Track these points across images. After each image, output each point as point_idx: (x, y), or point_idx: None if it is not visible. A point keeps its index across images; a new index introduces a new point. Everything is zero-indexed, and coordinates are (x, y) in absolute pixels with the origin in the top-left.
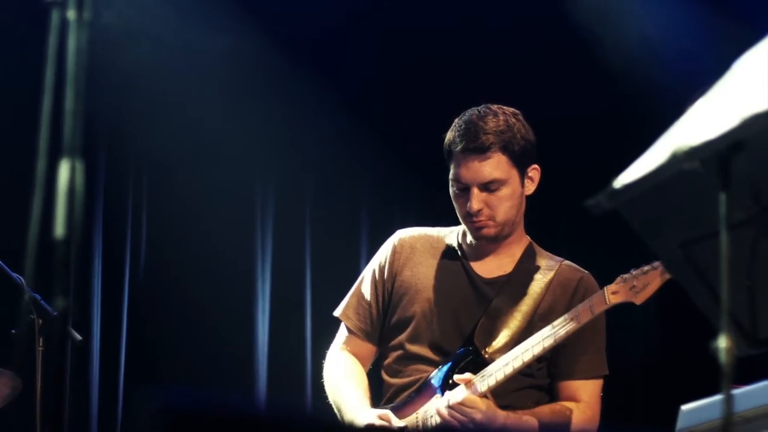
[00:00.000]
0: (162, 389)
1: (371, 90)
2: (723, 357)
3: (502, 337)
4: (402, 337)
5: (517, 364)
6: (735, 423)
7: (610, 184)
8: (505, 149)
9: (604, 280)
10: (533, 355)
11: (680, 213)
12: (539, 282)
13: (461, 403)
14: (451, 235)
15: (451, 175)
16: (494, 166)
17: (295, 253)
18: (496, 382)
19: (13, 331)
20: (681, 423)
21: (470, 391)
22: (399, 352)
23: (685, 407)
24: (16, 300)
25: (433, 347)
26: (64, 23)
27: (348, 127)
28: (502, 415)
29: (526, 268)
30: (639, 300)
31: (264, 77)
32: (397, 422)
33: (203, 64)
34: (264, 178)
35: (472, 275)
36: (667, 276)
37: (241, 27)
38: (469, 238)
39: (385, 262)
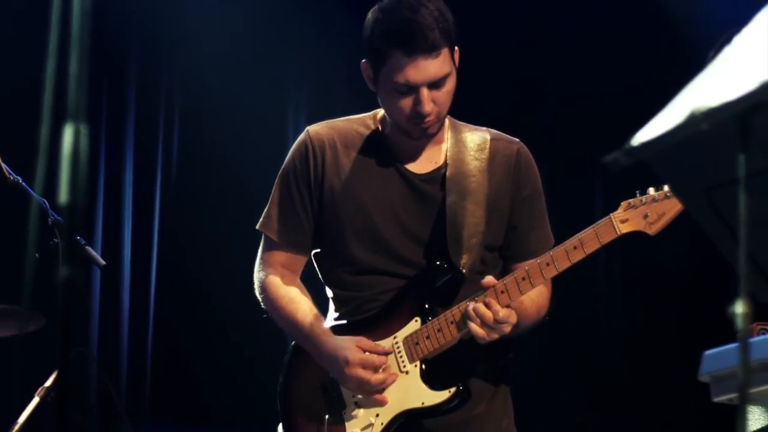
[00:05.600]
0: None
1: None
2: (740, 323)
3: (473, 249)
4: (348, 246)
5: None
6: (758, 369)
7: (627, 141)
8: (447, 40)
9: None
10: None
11: (703, 160)
12: (477, 166)
13: (498, 320)
14: (368, 128)
15: (391, 78)
16: (443, 61)
17: None
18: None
19: (36, 255)
20: (704, 367)
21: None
22: (350, 264)
23: (708, 352)
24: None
25: (392, 257)
26: None
27: None
28: None
29: (458, 154)
30: (653, 231)
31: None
32: (380, 348)
33: None
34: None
35: (404, 173)
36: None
37: None
38: (390, 130)
39: (306, 163)
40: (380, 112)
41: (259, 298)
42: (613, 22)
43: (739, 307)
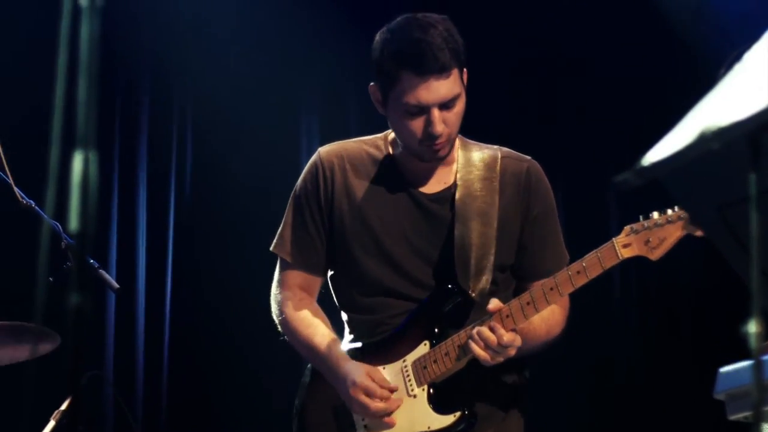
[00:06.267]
0: None
1: None
2: (753, 342)
3: (483, 271)
4: (358, 267)
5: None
6: None
7: (638, 162)
8: (456, 61)
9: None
10: (536, 310)
11: (715, 178)
12: (487, 186)
13: (502, 344)
14: (378, 149)
15: (402, 99)
16: (453, 82)
17: None
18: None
19: (50, 279)
20: (719, 385)
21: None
22: (361, 286)
23: (723, 370)
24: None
25: (403, 277)
26: (76, 10)
27: None
28: None
29: (467, 174)
30: (655, 256)
31: (307, 12)
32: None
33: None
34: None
35: (413, 194)
36: (686, 231)
37: None
38: (400, 151)
39: (316, 185)
40: (391, 133)
41: (276, 320)
42: (626, 38)
43: (752, 326)
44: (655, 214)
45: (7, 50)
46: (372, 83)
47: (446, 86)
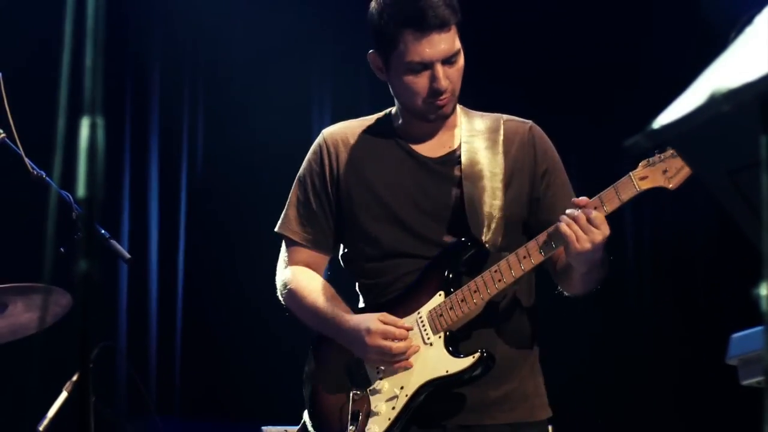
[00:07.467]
0: None
1: None
2: (765, 305)
3: (495, 225)
4: (369, 232)
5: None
6: None
7: (648, 125)
8: (455, 17)
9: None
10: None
11: (725, 142)
12: (492, 148)
13: (591, 220)
14: (381, 122)
15: (405, 58)
16: (453, 37)
17: None
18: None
19: (61, 249)
20: (732, 350)
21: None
22: (373, 249)
23: (736, 335)
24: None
25: (413, 237)
26: None
27: None
28: None
29: (471, 137)
30: (673, 185)
31: None
32: (401, 323)
33: None
34: (319, 90)
35: (418, 158)
36: None
37: None
38: (401, 122)
39: (321, 164)
40: (393, 108)
41: (281, 297)
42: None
43: (764, 290)
44: (670, 149)
45: (14, 20)
46: (371, 51)
47: (448, 41)
